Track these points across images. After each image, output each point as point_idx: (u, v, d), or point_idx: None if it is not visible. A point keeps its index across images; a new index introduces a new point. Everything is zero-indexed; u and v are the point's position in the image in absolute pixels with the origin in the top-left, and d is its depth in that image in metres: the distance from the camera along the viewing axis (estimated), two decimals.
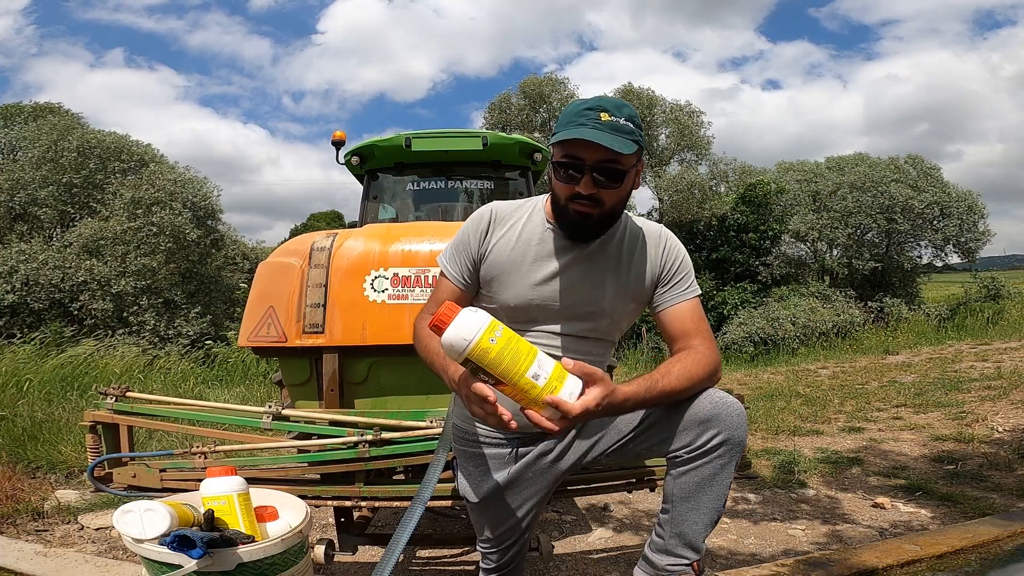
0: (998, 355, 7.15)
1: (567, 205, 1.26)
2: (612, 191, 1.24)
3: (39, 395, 4.88)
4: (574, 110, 1.23)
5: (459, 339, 1.03)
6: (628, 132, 1.20)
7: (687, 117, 15.69)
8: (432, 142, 3.36)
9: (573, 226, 1.29)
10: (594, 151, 1.19)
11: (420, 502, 1.43)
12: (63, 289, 9.27)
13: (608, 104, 1.22)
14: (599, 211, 1.25)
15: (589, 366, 1.07)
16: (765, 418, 4.67)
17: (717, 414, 1.20)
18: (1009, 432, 3.81)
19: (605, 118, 1.19)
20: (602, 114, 1.20)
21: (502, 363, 1.03)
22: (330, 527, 2.58)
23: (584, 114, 1.20)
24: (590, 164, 1.21)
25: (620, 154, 1.19)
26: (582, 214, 1.25)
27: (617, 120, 1.20)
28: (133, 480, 1.84)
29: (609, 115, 1.20)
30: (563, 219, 1.30)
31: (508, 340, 1.05)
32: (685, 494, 1.23)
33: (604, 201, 1.24)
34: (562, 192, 1.26)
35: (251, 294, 2.09)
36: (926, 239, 13.72)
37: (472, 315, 1.06)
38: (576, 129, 1.19)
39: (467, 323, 1.04)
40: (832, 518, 2.70)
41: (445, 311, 1.06)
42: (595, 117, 1.19)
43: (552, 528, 2.70)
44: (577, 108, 1.23)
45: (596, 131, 1.18)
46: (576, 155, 1.21)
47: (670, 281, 1.35)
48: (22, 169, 10.95)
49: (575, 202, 1.24)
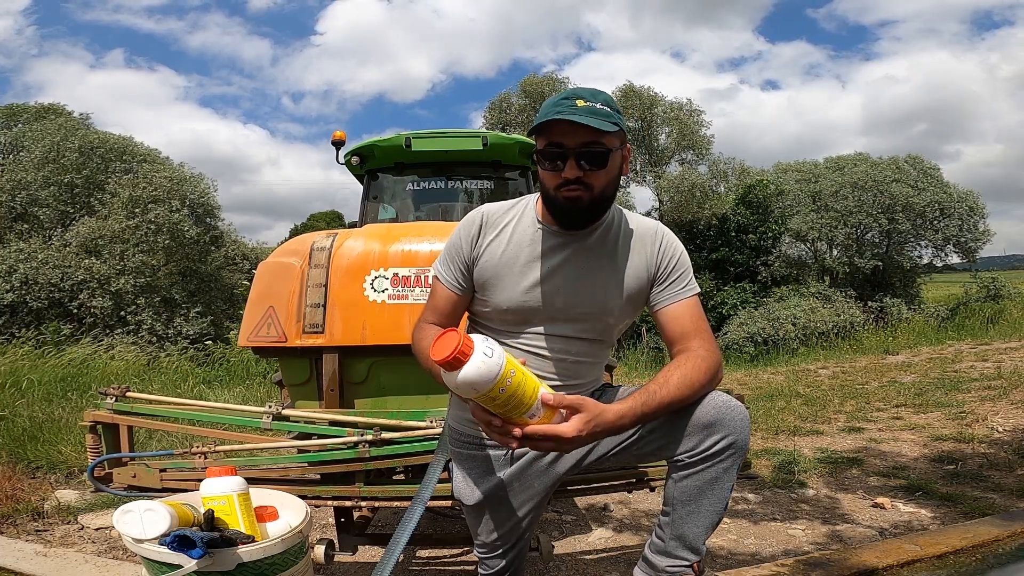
0: (998, 355, 7.14)
1: (556, 195, 1.25)
2: (598, 173, 1.24)
3: (39, 395, 4.89)
4: (550, 102, 1.24)
5: (468, 388, 1.01)
6: (605, 115, 1.21)
7: (687, 116, 15.68)
8: (432, 142, 3.36)
9: (564, 213, 1.28)
10: (575, 135, 1.20)
11: (420, 502, 1.42)
12: (62, 288, 9.27)
13: (583, 92, 1.23)
14: (589, 195, 1.24)
15: (569, 397, 1.09)
16: (765, 418, 4.67)
17: (721, 418, 1.18)
18: (1009, 432, 3.81)
19: (581, 104, 1.20)
20: (577, 101, 1.21)
21: (506, 407, 1.04)
22: (330, 527, 2.58)
23: (560, 104, 1.22)
24: (572, 148, 1.21)
25: (601, 134, 1.20)
26: (571, 199, 1.24)
27: (593, 104, 1.21)
28: (133, 480, 1.84)
29: (585, 101, 1.21)
30: (554, 209, 1.29)
31: (517, 387, 1.03)
32: (687, 497, 1.22)
33: (592, 184, 1.24)
34: (550, 182, 1.26)
35: (251, 294, 2.09)
36: (926, 239, 13.73)
37: (486, 362, 1.00)
38: (554, 115, 1.20)
39: (481, 372, 0.99)
40: (832, 518, 2.70)
41: (463, 349, 0.99)
42: (571, 105, 1.20)
43: (552, 528, 2.70)
44: (553, 100, 1.24)
45: (574, 115, 1.19)
46: (558, 141, 1.21)
47: (667, 279, 1.33)
48: (24, 169, 10.95)
49: (564, 189, 1.24)
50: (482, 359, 1.00)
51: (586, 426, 1.08)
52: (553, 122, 1.19)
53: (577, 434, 1.07)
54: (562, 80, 16.20)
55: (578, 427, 1.07)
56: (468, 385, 1.01)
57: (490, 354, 1.01)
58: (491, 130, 11.20)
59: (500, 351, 1.03)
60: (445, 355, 0.99)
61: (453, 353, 0.99)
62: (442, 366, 1.01)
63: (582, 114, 1.18)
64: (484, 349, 1.01)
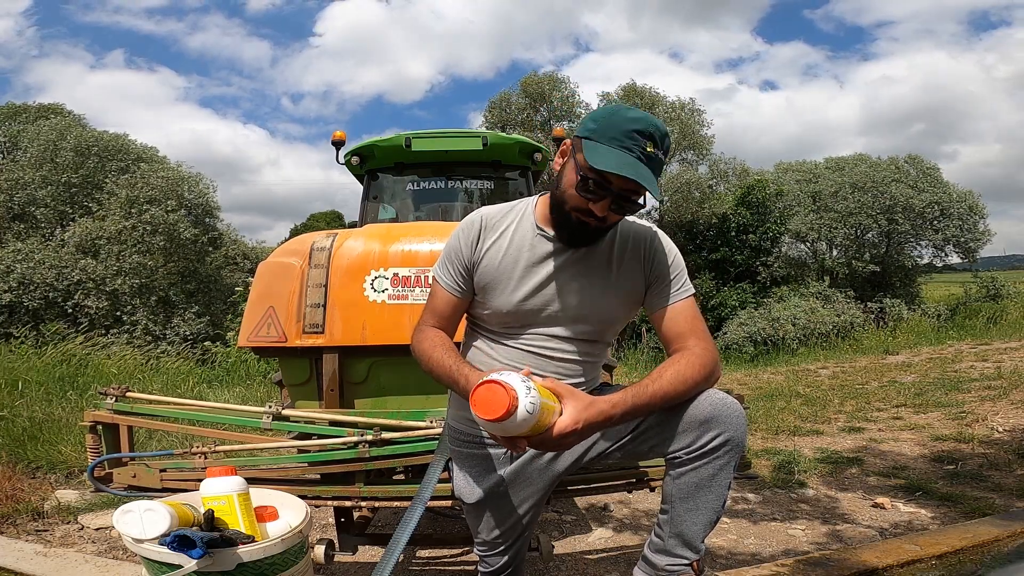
0: (998, 355, 7.15)
1: (571, 212, 1.24)
2: (621, 215, 1.25)
3: (38, 395, 4.88)
4: (620, 127, 1.17)
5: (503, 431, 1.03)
6: (660, 164, 1.19)
7: (689, 116, 15.66)
8: (432, 142, 3.36)
9: (571, 232, 1.27)
10: (625, 181, 1.16)
11: (420, 502, 1.42)
12: (57, 288, 9.26)
13: (656, 132, 1.17)
14: (600, 226, 1.25)
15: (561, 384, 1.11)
16: (765, 418, 4.67)
17: (717, 415, 1.19)
18: (1009, 432, 3.81)
19: (650, 149, 1.16)
20: (648, 144, 1.16)
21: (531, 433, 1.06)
22: (330, 527, 2.58)
23: (632, 137, 1.16)
24: (616, 190, 1.18)
25: (645, 189, 1.18)
26: (583, 223, 1.24)
27: (658, 153, 1.18)
28: (133, 480, 1.84)
29: (655, 147, 1.17)
30: (562, 222, 1.28)
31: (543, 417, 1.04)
32: (684, 495, 1.23)
33: (609, 220, 1.25)
34: (573, 201, 1.23)
35: (251, 294, 2.08)
36: (926, 239, 13.74)
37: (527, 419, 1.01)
38: (623, 155, 1.15)
39: (524, 422, 1.01)
40: (832, 518, 2.70)
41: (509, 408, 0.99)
42: (642, 145, 1.16)
43: (552, 528, 2.70)
44: (624, 127, 1.17)
45: (641, 166, 1.15)
46: (608, 179, 1.18)
47: (663, 282, 1.34)
48: (22, 169, 10.94)
49: (583, 215, 1.23)
50: (524, 416, 1.01)
51: (580, 415, 1.08)
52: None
53: (574, 426, 1.07)
54: (563, 79, 16.17)
55: (574, 418, 1.07)
56: (510, 431, 1.03)
57: (532, 410, 1.01)
58: (491, 130, 11.19)
59: (537, 397, 1.02)
60: (497, 415, 0.99)
61: (505, 414, 0.99)
62: (488, 421, 1.02)
63: (646, 173, 1.15)
64: (527, 405, 1.00)
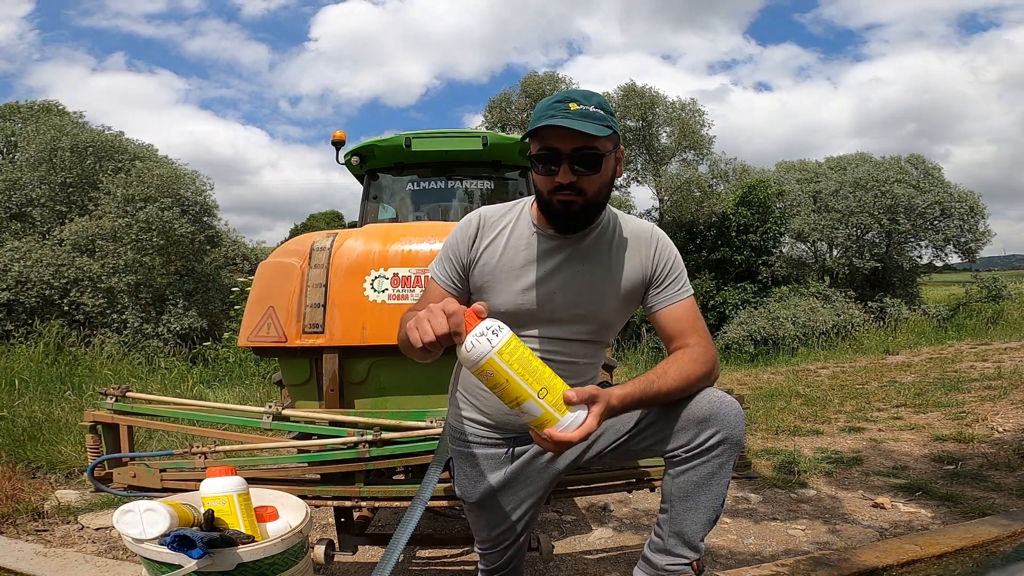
0: (998, 355, 7.14)
1: (550, 198, 1.27)
2: (592, 177, 1.25)
3: (37, 394, 4.88)
4: (544, 105, 1.24)
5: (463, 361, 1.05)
6: (599, 118, 1.21)
7: (689, 116, 15.65)
8: (432, 142, 3.36)
9: (559, 217, 1.29)
10: (568, 140, 1.20)
11: (420, 502, 1.43)
12: (53, 286, 9.25)
13: (576, 95, 1.23)
14: (582, 199, 1.26)
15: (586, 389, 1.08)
16: (765, 418, 4.67)
17: (715, 413, 1.20)
18: (1009, 432, 3.81)
19: (574, 107, 1.21)
20: (571, 104, 1.21)
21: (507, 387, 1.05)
22: (330, 527, 2.58)
23: (554, 107, 1.22)
24: (566, 153, 1.21)
25: (594, 139, 1.20)
26: (565, 203, 1.26)
27: (587, 108, 1.21)
28: (133, 480, 1.84)
29: (578, 104, 1.21)
30: (549, 213, 1.30)
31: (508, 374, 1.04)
32: (683, 493, 1.23)
33: (586, 189, 1.25)
34: (544, 185, 1.27)
35: (251, 294, 2.09)
36: (926, 239, 13.73)
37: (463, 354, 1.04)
38: (549, 120, 1.20)
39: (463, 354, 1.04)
40: (832, 518, 2.70)
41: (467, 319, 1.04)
42: (564, 108, 1.21)
43: (552, 528, 2.70)
44: (547, 103, 1.24)
45: (567, 119, 1.19)
46: (551, 146, 1.22)
47: (663, 282, 1.35)
48: (19, 169, 10.92)
49: (558, 193, 1.25)
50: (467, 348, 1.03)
51: (602, 416, 1.09)
52: (547, 127, 1.19)
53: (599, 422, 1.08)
54: (563, 79, 16.19)
55: (598, 415, 1.08)
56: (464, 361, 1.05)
57: (470, 350, 1.03)
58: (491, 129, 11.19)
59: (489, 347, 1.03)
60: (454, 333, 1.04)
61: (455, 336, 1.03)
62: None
63: (575, 118, 1.19)
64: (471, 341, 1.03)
